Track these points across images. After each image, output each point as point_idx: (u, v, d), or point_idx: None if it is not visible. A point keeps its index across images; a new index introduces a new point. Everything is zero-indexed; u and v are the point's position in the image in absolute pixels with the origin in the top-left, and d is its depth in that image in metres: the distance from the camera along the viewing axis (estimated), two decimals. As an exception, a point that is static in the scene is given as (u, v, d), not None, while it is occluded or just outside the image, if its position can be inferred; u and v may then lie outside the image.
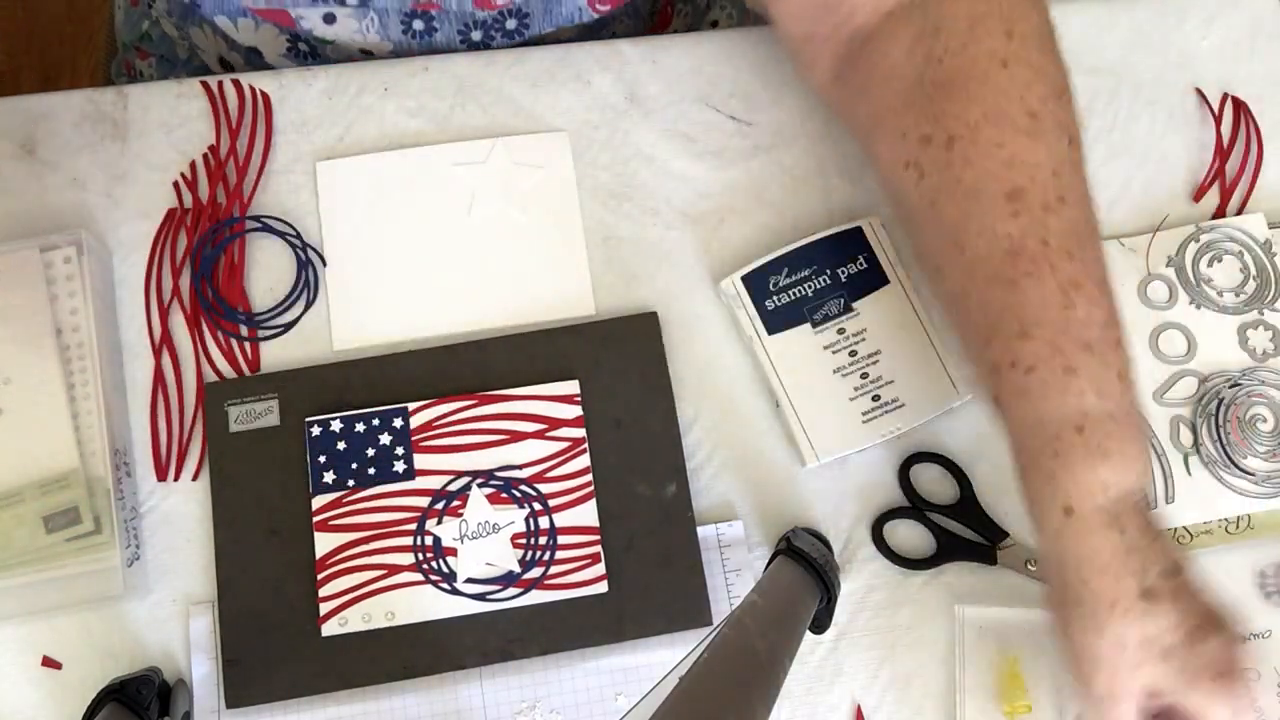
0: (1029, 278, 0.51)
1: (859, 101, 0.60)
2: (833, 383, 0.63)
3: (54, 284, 0.61)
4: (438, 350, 0.63)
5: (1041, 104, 0.53)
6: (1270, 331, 0.65)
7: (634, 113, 0.69)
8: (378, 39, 0.69)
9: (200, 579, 0.60)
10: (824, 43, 0.61)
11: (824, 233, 0.65)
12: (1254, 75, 0.71)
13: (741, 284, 0.64)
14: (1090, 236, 0.53)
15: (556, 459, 0.62)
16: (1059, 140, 0.53)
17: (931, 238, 0.57)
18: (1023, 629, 0.61)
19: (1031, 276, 0.51)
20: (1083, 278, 0.51)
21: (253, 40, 0.71)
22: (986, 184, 0.53)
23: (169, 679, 0.58)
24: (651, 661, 0.59)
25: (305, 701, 0.58)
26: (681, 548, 0.61)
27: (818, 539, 0.59)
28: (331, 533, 0.60)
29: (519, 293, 0.65)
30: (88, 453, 0.59)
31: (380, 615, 0.59)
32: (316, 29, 0.68)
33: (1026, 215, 0.52)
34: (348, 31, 0.69)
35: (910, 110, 0.56)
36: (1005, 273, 0.52)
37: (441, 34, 0.69)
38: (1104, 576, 0.48)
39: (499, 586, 0.60)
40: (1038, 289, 0.51)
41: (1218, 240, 0.67)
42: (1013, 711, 0.60)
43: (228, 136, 0.66)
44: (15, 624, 0.59)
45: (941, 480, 0.64)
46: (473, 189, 0.66)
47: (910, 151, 0.56)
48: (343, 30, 0.68)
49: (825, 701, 0.60)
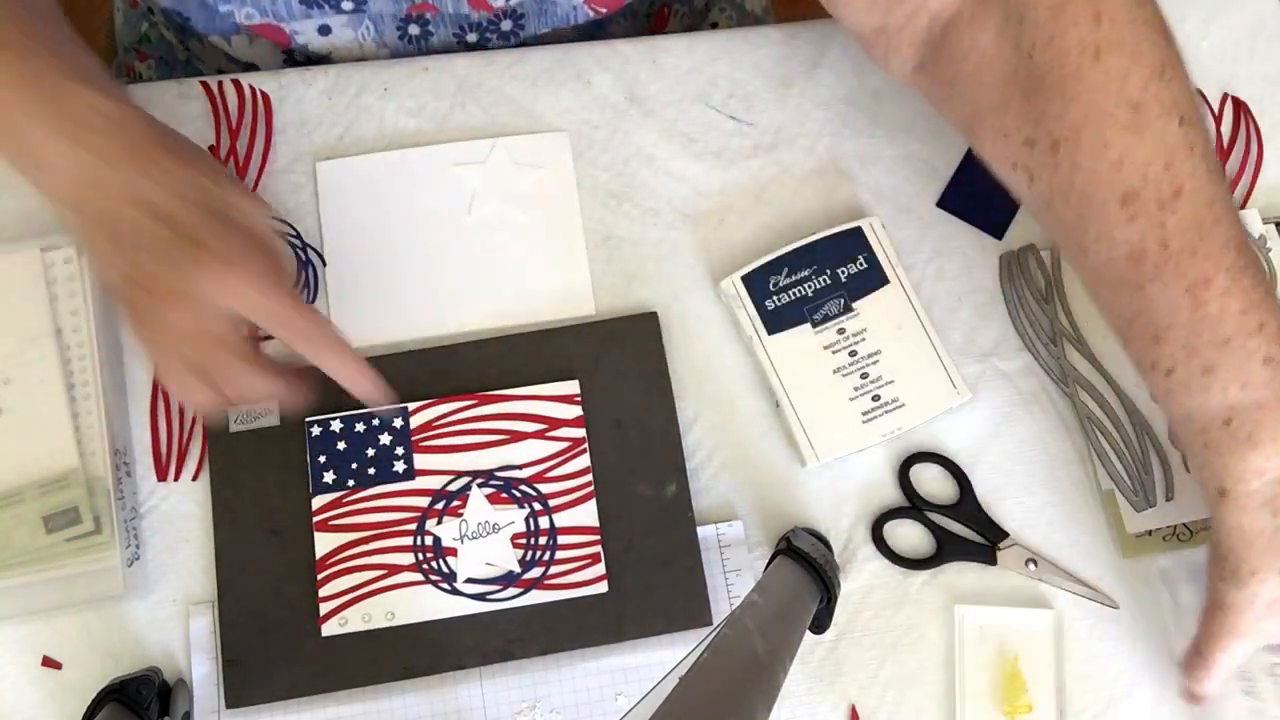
0: (1154, 283, 0.51)
1: (950, 94, 0.59)
2: (833, 383, 0.63)
3: (54, 284, 0.61)
4: (438, 350, 0.63)
5: (1143, 91, 0.51)
6: (1270, 331, 0.65)
7: (634, 113, 0.69)
8: (374, 45, 0.69)
9: (200, 579, 0.60)
10: (899, 33, 0.59)
11: (824, 233, 0.65)
12: (1254, 75, 0.71)
13: (741, 284, 0.64)
14: (1214, 222, 0.51)
15: (556, 459, 0.62)
16: (1168, 125, 0.51)
17: (1054, 235, 0.56)
18: (1023, 629, 0.61)
19: (1156, 281, 0.51)
20: (1211, 271, 0.50)
21: (249, 55, 0.71)
22: (1097, 189, 0.51)
23: (169, 679, 0.58)
24: (651, 661, 0.59)
25: (305, 701, 0.58)
26: (681, 548, 0.61)
27: (818, 539, 0.59)
28: (331, 533, 0.60)
29: (519, 293, 0.65)
30: (88, 453, 0.59)
31: (380, 615, 0.59)
32: (312, 43, 0.68)
33: (1143, 218, 0.51)
34: (344, 41, 0.68)
35: (1008, 110, 0.54)
36: (1130, 279, 0.52)
37: (438, 37, 0.69)
38: (1250, 550, 0.52)
39: (499, 586, 0.60)
40: (1164, 294, 0.51)
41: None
42: (1013, 711, 0.60)
43: (228, 136, 0.66)
44: (15, 624, 0.59)
45: (941, 480, 0.64)
46: (473, 189, 0.66)
47: (1015, 154, 0.55)
48: (339, 40, 0.68)
49: (825, 701, 0.60)
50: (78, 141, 0.50)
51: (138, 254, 0.50)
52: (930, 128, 0.69)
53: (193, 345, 0.52)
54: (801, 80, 0.70)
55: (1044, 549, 0.63)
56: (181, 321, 0.51)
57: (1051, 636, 0.61)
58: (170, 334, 0.51)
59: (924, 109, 0.69)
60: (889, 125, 0.69)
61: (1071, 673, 0.61)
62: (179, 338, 0.51)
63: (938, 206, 0.68)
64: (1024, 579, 0.62)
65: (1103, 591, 0.62)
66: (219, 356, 0.52)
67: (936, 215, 0.68)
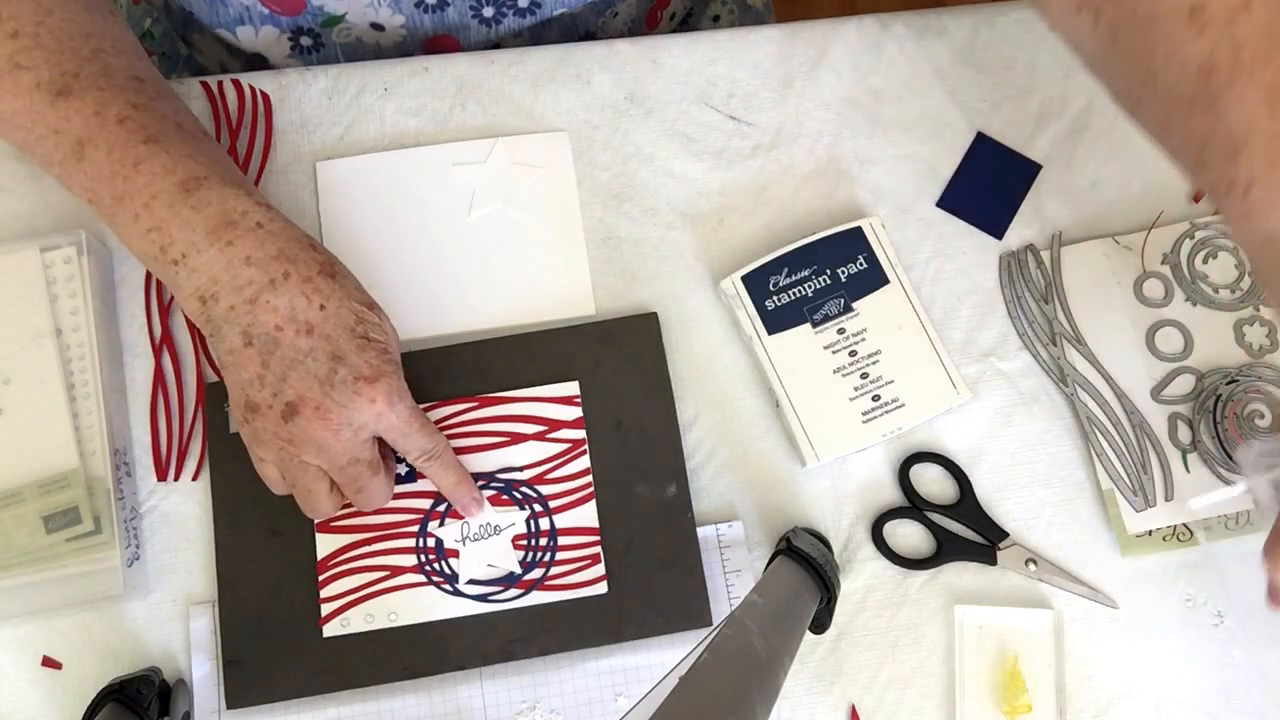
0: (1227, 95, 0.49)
1: None
2: (833, 383, 0.63)
3: (54, 284, 0.61)
4: (438, 350, 0.63)
5: None
6: (1266, 327, 0.66)
7: (634, 113, 0.69)
8: (389, 13, 0.68)
9: (200, 579, 0.60)
10: None
11: (824, 233, 0.65)
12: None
13: (741, 284, 0.64)
14: None
15: (557, 460, 0.62)
16: None
17: (1122, 75, 0.55)
18: (1022, 629, 0.61)
19: (1230, 92, 0.49)
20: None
21: (254, 45, 0.71)
22: (1162, 7, 0.50)
23: (169, 679, 0.58)
24: (651, 662, 0.59)
25: (306, 702, 0.58)
26: (681, 548, 0.61)
27: (818, 539, 0.59)
28: (333, 534, 0.60)
29: (519, 293, 0.65)
30: (88, 453, 0.59)
31: (383, 616, 0.59)
32: (328, 4, 0.67)
33: (1212, 29, 0.49)
34: (359, 6, 0.68)
35: None
36: (1201, 96, 0.50)
37: (454, 9, 0.69)
38: None
39: (500, 587, 0.60)
40: (1239, 105, 0.48)
41: (1212, 236, 0.67)
42: (1013, 711, 0.60)
43: (228, 136, 0.66)
44: (15, 624, 0.59)
45: (941, 480, 0.64)
46: (473, 189, 0.66)
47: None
48: (354, 4, 0.68)
49: (825, 701, 0.61)
50: (232, 245, 0.53)
51: (291, 372, 0.52)
52: (930, 128, 0.69)
53: (329, 461, 0.54)
54: (801, 80, 0.70)
55: (1044, 549, 0.63)
56: (327, 440, 0.53)
57: (1051, 636, 0.61)
58: (309, 451, 0.53)
59: (924, 109, 0.69)
60: (889, 125, 0.69)
61: (1071, 673, 0.61)
62: (317, 453, 0.54)
63: (938, 206, 0.68)
64: (1024, 579, 0.62)
65: (1103, 591, 0.62)
66: (356, 471, 0.55)
67: (936, 215, 0.68)
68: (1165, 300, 0.66)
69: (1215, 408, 0.64)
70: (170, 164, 0.53)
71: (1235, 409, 0.64)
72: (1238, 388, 0.64)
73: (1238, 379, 0.64)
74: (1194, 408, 0.64)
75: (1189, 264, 0.67)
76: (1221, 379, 0.64)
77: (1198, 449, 0.64)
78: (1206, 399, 0.64)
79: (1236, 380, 0.64)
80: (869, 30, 0.71)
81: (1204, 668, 0.62)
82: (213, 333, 0.53)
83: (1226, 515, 0.63)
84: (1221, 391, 0.64)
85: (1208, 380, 0.64)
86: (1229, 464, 0.63)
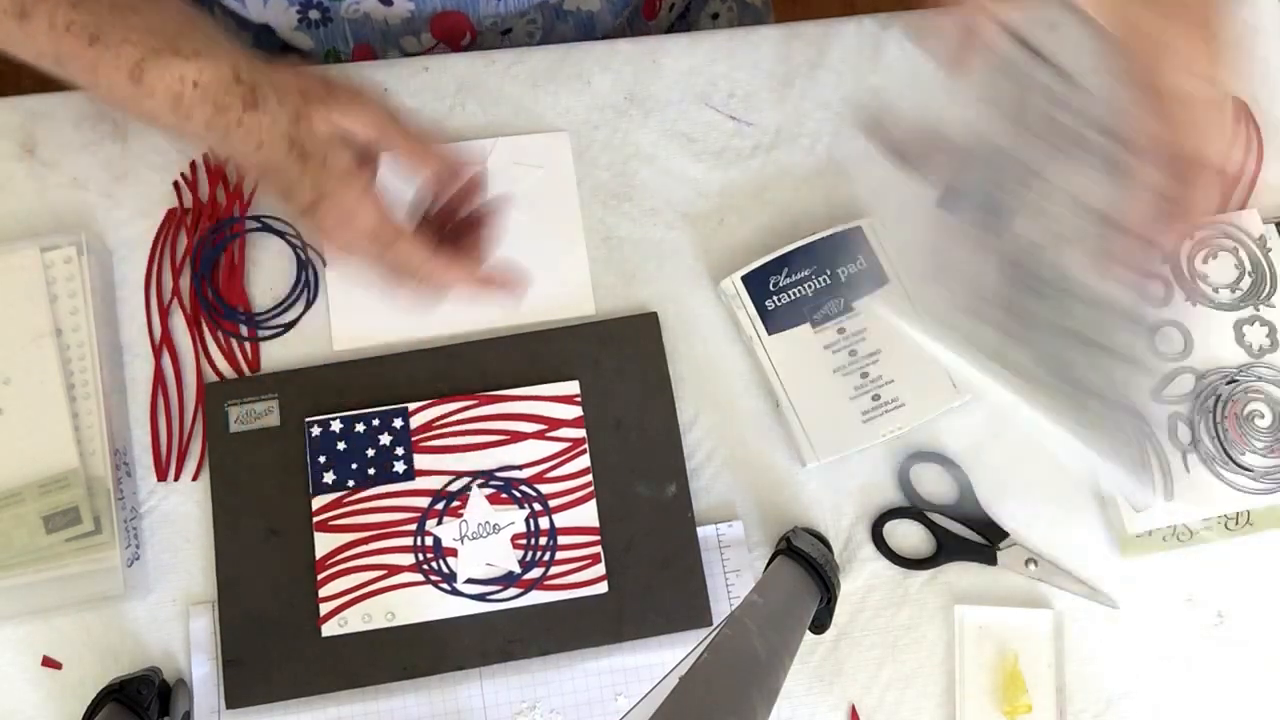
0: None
1: None
2: (833, 382, 0.63)
3: (54, 284, 0.61)
4: (438, 350, 0.63)
5: None
6: (1266, 327, 0.66)
7: (634, 113, 0.69)
8: None
9: (200, 579, 0.60)
10: None
11: (824, 233, 0.65)
12: (1254, 75, 0.71)
13: (741, 284, 0.64)
14: None
15: (556, 459, 0.62)
16: None
17: None
18: (1022, 629, 0.61)
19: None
20: None
21: (262, 15, 0.71)
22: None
23: (169, 679, 0.58)
24: (651, 661, 0.59)
25: (305, 702, 0.58)
26: (681, 548, 0.61)
27: (818, 539, 0.59)
28: (331, 533, 0.60)
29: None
30: (88, 453, 0.59)
31: (380, 615, 0.59)
32: None
33: None
34: None
35: None
36: None
37: None
38: None
39: (499, 587, 0.60)
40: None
41: (1212, 236, 0.67)
42: (1013, 711, 0.60)
43: (227, 136, 0.66)
44: (15, 624, 0.59)
45: (941, 480, 0.64)
46: (472, 189, 0.66)
47: None
48: None
49: (825, 701, 0.61)
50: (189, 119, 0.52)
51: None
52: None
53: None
54: (801, 80, 0.70)
55: (1044, 549, 0.63)
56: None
57: (1051, 636, 0.61)
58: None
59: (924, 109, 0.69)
60: (889, 125, 0.69)
61: (1071, 673, 0.61)
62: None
63: (938, 206, 0.68)
64: (1024, 579, 0.62)
65: (1103, 591, 0.62)
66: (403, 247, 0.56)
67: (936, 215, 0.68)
68: (1165, 300, 0.66)
69: (1215, 408, 0.64)
70: (114, 60, 0.52)
71: (1235, 409, 0.64)
72: (1237, 388, 0.64)
73: (1237, 379, 0.64)
74: (1194, 408, 0.64)
75: (1189, 264, 0.67)
76: (1221, 379, 0.64)
77: (1197, 449, 0.64)
78: (1206, 399, 0.64)
79: (1236, 380, 0.64)
80: (869, 30, 0.71)
81: (1204, 668, 0.62)
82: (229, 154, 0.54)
83: (1226, 515, 0.63)
84: (1221, 392, 0.64)
85: (1207, 380, 0.64)
86: (1229, 464, 0.63)
